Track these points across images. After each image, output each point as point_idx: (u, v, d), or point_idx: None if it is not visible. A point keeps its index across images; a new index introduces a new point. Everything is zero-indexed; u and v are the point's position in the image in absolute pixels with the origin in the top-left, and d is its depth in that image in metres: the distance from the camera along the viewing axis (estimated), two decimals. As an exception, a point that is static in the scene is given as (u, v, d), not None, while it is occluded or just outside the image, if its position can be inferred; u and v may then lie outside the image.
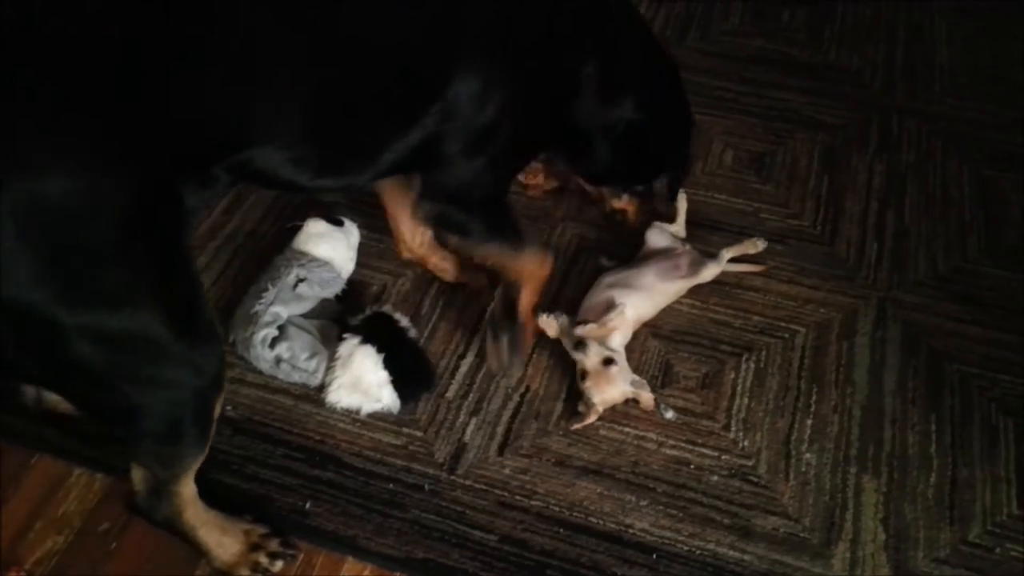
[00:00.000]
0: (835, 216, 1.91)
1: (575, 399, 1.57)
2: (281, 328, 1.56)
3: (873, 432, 1.54)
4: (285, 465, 1.49)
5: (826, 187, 1.97)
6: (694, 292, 1.73)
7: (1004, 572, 1.38)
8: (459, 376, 1.62)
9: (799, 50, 2.32)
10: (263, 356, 1.55)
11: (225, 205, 1.92)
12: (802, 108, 2.16)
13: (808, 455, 1.52)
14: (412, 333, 1.61)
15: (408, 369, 1.54)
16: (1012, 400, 1.59)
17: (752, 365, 1.64)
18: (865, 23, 2.40)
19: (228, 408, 1.56)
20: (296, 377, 1.56)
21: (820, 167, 2.02)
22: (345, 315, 1.64)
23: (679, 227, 1.79)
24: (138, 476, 1.20)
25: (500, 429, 1.54)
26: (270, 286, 1.60)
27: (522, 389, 1.60)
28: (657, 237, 1.75)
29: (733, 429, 1.55)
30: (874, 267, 1.81)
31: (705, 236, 1.82)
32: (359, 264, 1.76)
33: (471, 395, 1.59)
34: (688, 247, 1.75)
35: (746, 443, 1.53)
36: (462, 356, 1.65)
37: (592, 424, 1.53)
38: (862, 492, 1.47)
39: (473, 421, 1.55)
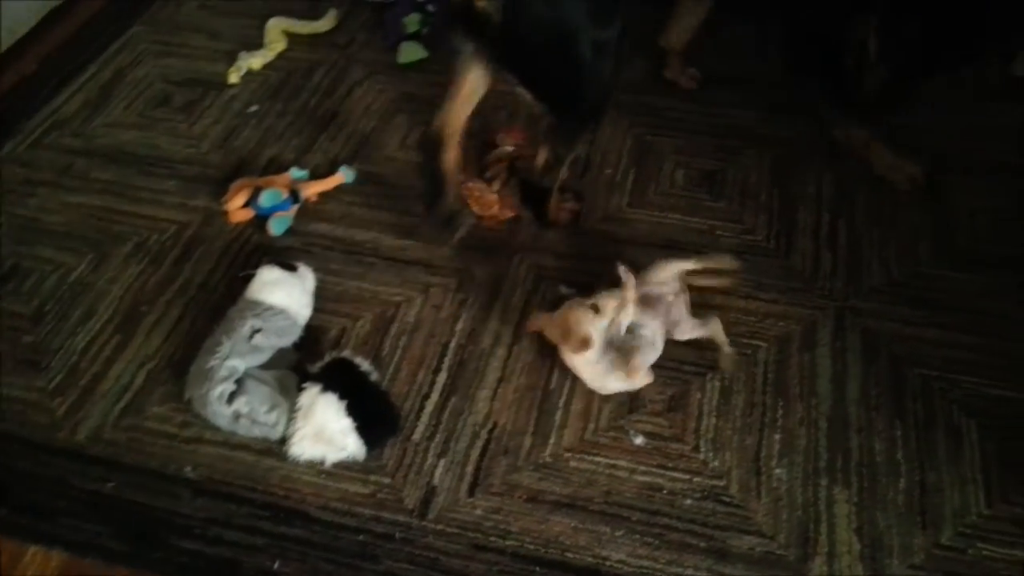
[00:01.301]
0: (788, 229, 1.93)
1: (544, 433, 1.56)
2: (239, 382, 1.53)
3: (840, 442, 1.55)
4: (250, 524, 1.45)
5: (778, 201, 1.99)
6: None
7: (978, 572, 1.39)
8: (424, 416, 1.60)
9: (744, 67, 2.35)
10: (221, 412, 1.51)
11: (175, 257, 1.89)
12: (750, 124, 2.18)
13: (778, 471, 1.52)
14: (374, 376, 1.59)
15: (372, 414, 1.52)
16: (973, 401, 1.61)
17: (717, 384, 1.64)
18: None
19: (187, 469, 1.52)
20: (256, 432, 1.52)
21: (771, 181, 2.04)
22: (304, 363, 1.61)
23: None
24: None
25: (469, 469, 1.52)
26: (224, 339, 1.56)
27: (489, 425, 1.58)
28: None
29: (703, 450, 1.55)
30: (830, 277, 1.83)
31: (663, 256, 1.81)
32: (316, 308, 1.73)
33: (437, 435, 1.57)
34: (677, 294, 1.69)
35: (716, 463, 1.53)
36: (426, 396, 1.63)
37: (561, 455, 1.52)
38: (834, 503, 1.47)
39: (441, 463, 1.53)
